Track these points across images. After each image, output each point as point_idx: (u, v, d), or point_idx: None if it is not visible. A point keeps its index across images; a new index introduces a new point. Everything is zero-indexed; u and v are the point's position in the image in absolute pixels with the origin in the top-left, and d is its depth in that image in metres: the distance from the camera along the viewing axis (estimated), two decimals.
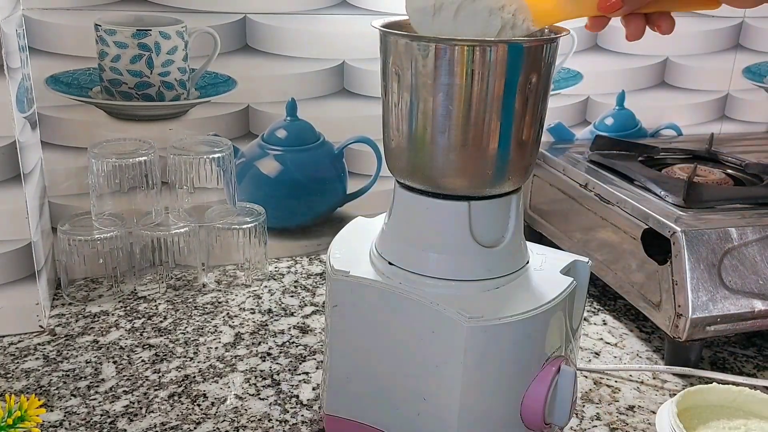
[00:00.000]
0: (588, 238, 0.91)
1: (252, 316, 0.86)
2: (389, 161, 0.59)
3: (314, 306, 0.89)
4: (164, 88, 0.90)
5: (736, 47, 1.17)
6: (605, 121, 1.14)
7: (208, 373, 0.74)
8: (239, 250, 0.93)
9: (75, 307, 0.86)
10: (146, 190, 0.88)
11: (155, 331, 0.82)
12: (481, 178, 0.54)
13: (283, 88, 0.95)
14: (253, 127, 0.96)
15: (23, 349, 0.77)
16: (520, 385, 0.55)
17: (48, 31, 0.85)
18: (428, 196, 0.55)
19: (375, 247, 0.60)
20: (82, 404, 0.68)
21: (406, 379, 0.57)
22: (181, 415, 0.67)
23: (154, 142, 0.89)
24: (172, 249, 0.90)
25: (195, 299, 0.90)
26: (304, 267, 1.00)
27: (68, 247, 0.85)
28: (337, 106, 0.98)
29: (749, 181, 0.93)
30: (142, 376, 0.73)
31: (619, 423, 0.69)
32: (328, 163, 1.01)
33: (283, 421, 0.67)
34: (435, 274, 0.56)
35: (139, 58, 0.88)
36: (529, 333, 0.54)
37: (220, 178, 0.91)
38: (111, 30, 0.86)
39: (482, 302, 0.54)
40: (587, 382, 0.75)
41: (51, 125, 0.88)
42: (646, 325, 0.87)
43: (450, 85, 0.51)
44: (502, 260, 0.57)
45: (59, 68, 0.86)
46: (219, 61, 0.92)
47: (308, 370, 0.75)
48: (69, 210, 0.91)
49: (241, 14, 0.91)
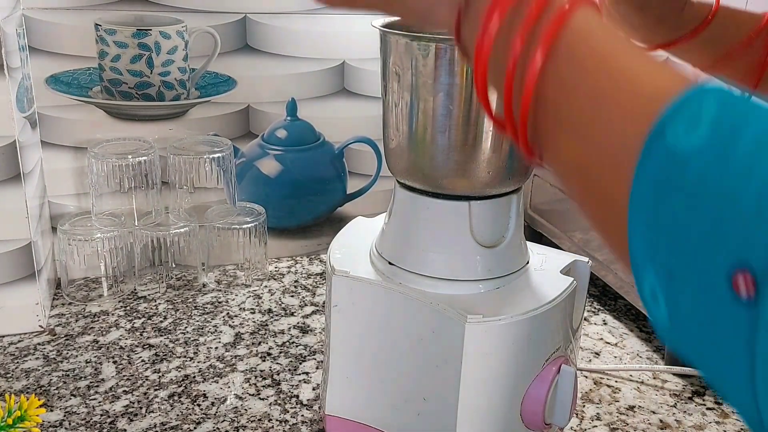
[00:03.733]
0: (588, 238, 0.91)
1: (252, 316, 0.86)
2: (389, 161, 0.59)
3: (314, 306, 0.89)
4: (164, 88, 0.90)
5: None
6: None
7: (208, 373, 0.74)
8: (239, 250, 0.93)
9: (75, 307, 0.86)
10: (146, 190, 0.88)
11: (155, 331, 0.82)
12: (481, 178, 0.54)
13: (283, 88, 0.95)
14: (253, 127, 0.96)
15: (23, 349, 0.77)
16: (520, 385, 0.55)
17: (48, 30, 0.85)
18: (428, 196, 0.55)
19: (375, 247, 0.60)
20: (82, 404, 0.68)
21: (406, 379, 0.57)
22: (181, 415, 0.67)
23: (154, 142, 0.89)
24: (172, 249, 0.90)
25: (195, 299, 0.90)
26: (304, 267, 1.00)
27: (68, 247, 0.85)
28: (337, 106, 0.98)
29: None
30: (142, 376, 0.73)
31: (619, 423, 0.69)
32: (328, 163, 1.01)
33: (283, 421, 0.67)
34: (435, 274, 0.56)
35: (139, 57, 0.88)
36: (529, 333, 0.54)
37: (220, 178, 0.91)
38: (111, 30, 0.86)
39: (482, 302, 0.54)
40: (587, 382, 0.75)
41: (51, 125, 0.88)
42: (646, 325, 0.87)
43: (450, 84, 0.51)
44: (502, 260, 0.57)
45: (59, 68, 0.86)
46: (219, 61, 0.92)
47: (308, 370, 0.75)
48: (69, 210, 0.91)
49: (241, 14, 0.91)
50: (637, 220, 0.27)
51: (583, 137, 0.30)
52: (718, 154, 0.24)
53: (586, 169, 0.30)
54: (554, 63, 0.30)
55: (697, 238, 0.25)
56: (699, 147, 0.25)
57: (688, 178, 0.25)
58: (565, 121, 0.30)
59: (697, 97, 0.26)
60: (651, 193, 0.26)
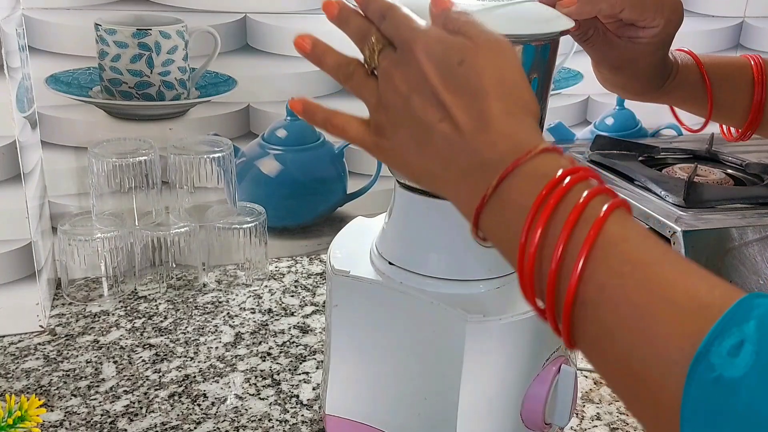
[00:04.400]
0: None
1: (252, 315, 0.86)
2: None
3: (314, 306, 0.89)
4: (164, 88, 0.90)
5: (736, 47, 1.17)
6: (605, 121, 1.14)
7: (208, 372, 0.74)
8: (239, 249, 0.93)
9: (75, 307, 0.86)
10: (146, 190, 0.88)
11: (155, 330, 0.82)
12: None
13: (283, 88, 0.95)
14: (254, 127, 0.96)
15: (23, 349, 0.77)
16: (521, 385, 0.55)
17: (48, 30, 0.85)
18: (428, 196, 0.55)
19: (375, 247, 0.60)
20: (83, 404, 0.68)
21: (406, 379, 0.57)
22: (181, 415, 0.67)
23: (154, 142, 0.89)
24: (173, 249, 0.90)
25: (195, 299, 0.90)
26: (304, 267, 1.00)
27: (68, 247, 0.85)
28: (337, 106, 0.97)
29: (750, 181, 0.93)
30: (142, 376, 0.73)
31: (619, 423, 0.69)
32: (328, 163, 1.01)
33: (283, 421, 0.67)
34: (435, 273, 0.56)
35: (139, 57, 0.88)
36: (529, 333, 0.54)
37: (220, 177, 0.91)
38: (111, 29, 0.86)
39: (482, 302, 0.54)
40: (587, 382, 0.75)
41: (51, 125, 0.88)
42: None
43: None
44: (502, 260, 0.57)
45: (59, 68, 0.86)
46: (219, 60, 0.92)
47: (308, 370, 0.75)
48: (69, 210, 0.91)
49: (241, 14, 0.91)
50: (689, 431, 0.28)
51: (625, 345, 0.31)
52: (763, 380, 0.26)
53: (631, 374, 0.31)
54: (592, 267, 0.32)
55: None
56: (745, 372, 0.26)
57: (736, 406, 0.26)
58: (606, 324, 0.32)
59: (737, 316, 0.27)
60: (701, 417, 0.27)
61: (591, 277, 0.32)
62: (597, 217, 0.32)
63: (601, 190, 0.34)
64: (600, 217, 0.32)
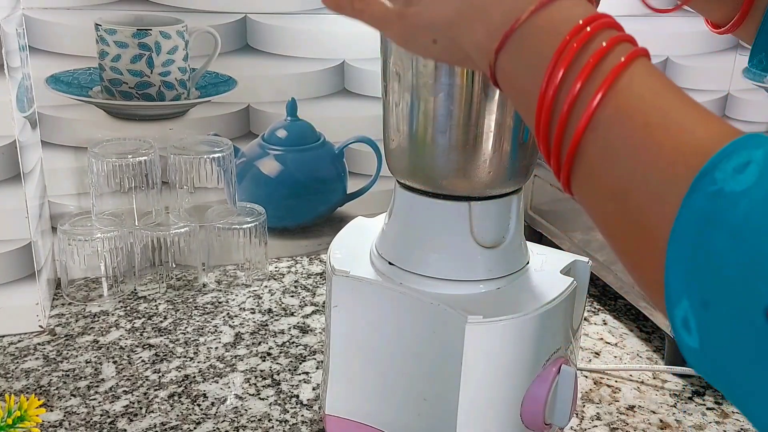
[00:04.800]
0: (588, 238, 0.91)
1: (252, 316, 0.86)
2: (390, 161, 0.59)
3: (314, 306, 0.89)
4: (164, 88, 0.90)
5: (736, 47, 1.17)
6: None
7: (208, 373, 0.74)
8: (239, 250, 0.93)
9: (75, 307, 0.86)
10: (146, 190, 0.88)
11: (155, 331, 0.82)
12: (481, 178, 0.54)
13: (283, 88, 0.95)
14: (254, 127, 0.96)
15: (23, 349, 0.77)
16: (520, 385, 0.55)
17: (48, 30, 0.85)
18: (429, 196, 0.55)
19: (375, 247, 0.60)
20: (82, 404, 0.68)
21: (406, 379, 0.57)
22: (181, 415, 0.67)
23: (154, 142, 0.89)
24: (172, 249, 0.90)
25: (195, 299, 0.90)
26: (304, 267, 1.00)
27: (68, 247, 0.85)
28: (337, 106, 0.98)
29: None
30: (142, 376, 0.73)
31: (619, 423, 0.69)
32: (328, 163, 1.01)
33: (283, 421, 0.67)
34: (435, 274, 0.56)
35: (139, 57, 0.88)
36: (529, 333, 0.54)
37: (220, 178, 0.91)
38: (111, 29, 0.86)
39: (482, 302, 0.54)
40: (587, 382, 0.75)
41: (51, 125, 0.88)
42: (646, 325, 0.87)
43: (451, 85, 0.51)
44: (502, 260, 0.57)
45: (59, 68, 0.86)
46: (219, 60, 0.92)
47: (308, 370, 0.75)
48: (69, 210, 0.91)
49: (241, 14, 0.91)
50: (677, 249, 0.28)
51: (629, 164, 0.31)
52: (765, 196, 0.26)
53: (626, 195, 0.31)
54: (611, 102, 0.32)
55: (737, 272, 0.25)
56: (747, 187, 0.26)
57: (733, 216, 0.26)
58: (613, 147, 0.32)
59: (748, 143, 0.27)
60: (695, 225, 0.27)
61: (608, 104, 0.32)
62: (618, 62, 0.32)
63: (624, 38, 0.34)
64: (621, 62, 0.32)
